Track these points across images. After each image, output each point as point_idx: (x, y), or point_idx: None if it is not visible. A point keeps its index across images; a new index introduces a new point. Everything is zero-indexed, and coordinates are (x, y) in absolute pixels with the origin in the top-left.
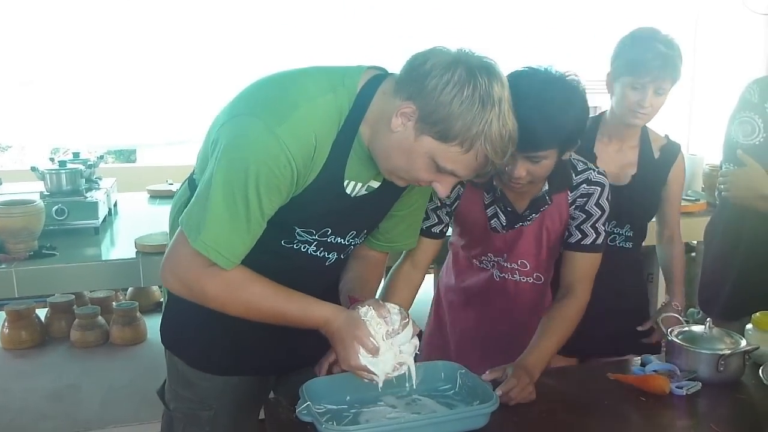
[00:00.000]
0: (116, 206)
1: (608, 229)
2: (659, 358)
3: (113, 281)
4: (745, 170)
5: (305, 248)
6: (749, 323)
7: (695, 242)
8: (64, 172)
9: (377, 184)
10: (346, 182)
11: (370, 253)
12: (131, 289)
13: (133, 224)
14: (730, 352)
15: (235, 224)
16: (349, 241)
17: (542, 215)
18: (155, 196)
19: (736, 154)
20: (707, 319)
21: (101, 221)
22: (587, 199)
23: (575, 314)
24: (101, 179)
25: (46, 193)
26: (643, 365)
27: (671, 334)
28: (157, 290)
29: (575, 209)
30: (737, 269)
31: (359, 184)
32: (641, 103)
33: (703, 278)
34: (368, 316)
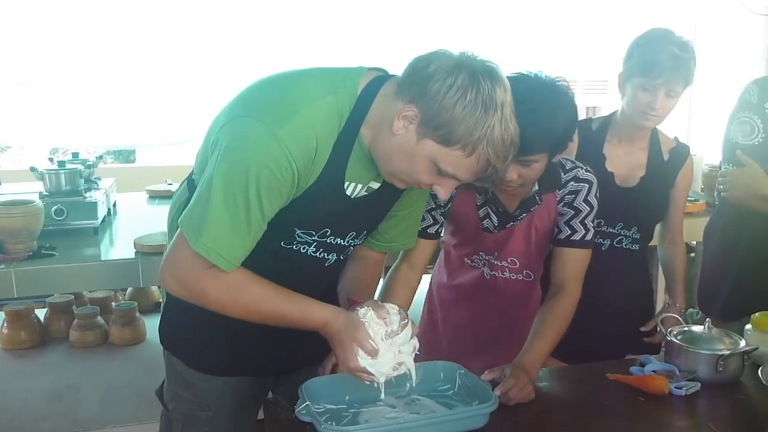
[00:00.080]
0: (115, 206)
1: (615, 230)
2: (658, 358)
3: (112, 281)
4: (744, 170)
5: (305, 249)
6: (748, 323)
7: (694, 242)
8: (63, 172)
9: (377, 185)
10: (346, 184)
11: (368, 253)
12: (130, 289)
13: (132, 224)
14: (729, 352)
15: (235, 226)
16: (348, 242)
17: (531, 214)
18: (154, 196)
19: (735, 154)
20: (706, 319)
21: (100, 221)
22: (575, 195)
23: (568, 312)
24: (100, 179)
25: (45, 193)
26: (642, 365)
27: (670, 334)
28: (156, 290)
29: (564, 206)
30: (736, 269)
31: (359, 185)
32: (652, 104)
33: (702, 278)
34: (367, 317)
